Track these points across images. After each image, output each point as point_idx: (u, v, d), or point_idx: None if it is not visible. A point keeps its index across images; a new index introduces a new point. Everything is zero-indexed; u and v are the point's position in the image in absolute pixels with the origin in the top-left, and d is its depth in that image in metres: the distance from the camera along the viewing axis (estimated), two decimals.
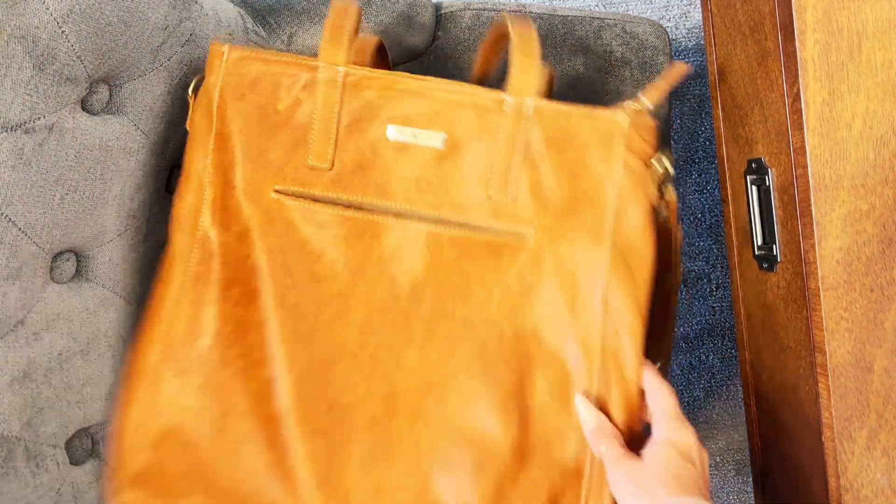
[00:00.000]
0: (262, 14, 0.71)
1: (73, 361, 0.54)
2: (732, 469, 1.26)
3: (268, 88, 0.56)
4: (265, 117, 0.56)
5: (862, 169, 0.58)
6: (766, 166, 0.65)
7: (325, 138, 0.56)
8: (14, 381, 0.50)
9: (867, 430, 0.60)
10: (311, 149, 0.56)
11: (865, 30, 0.57)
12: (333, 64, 0.56)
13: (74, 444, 0.56)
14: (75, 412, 0.55)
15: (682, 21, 1.19)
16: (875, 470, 0.60)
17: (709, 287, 1.23)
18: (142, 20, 0.53)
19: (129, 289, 0.60)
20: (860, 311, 0.59)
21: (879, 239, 0.59)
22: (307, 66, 0.56)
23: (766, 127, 0.65)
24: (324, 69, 0.55)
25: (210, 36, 0.62)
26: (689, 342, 1.23)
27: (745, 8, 0.67)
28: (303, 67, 0.56)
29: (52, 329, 0.52)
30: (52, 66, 0.48)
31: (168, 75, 0.59)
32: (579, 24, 0.78)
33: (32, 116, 0.48)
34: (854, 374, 0.59)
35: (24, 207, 0.49)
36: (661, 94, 0.56)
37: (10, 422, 0.49)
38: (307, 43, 0.72)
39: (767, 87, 0.64)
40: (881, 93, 0.58)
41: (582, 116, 0.56)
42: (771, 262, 0.67)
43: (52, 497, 0.52)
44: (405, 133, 0.56)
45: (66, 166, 0.51)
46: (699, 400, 1.24)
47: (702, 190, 1.21)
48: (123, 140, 0.56)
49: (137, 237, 0.61)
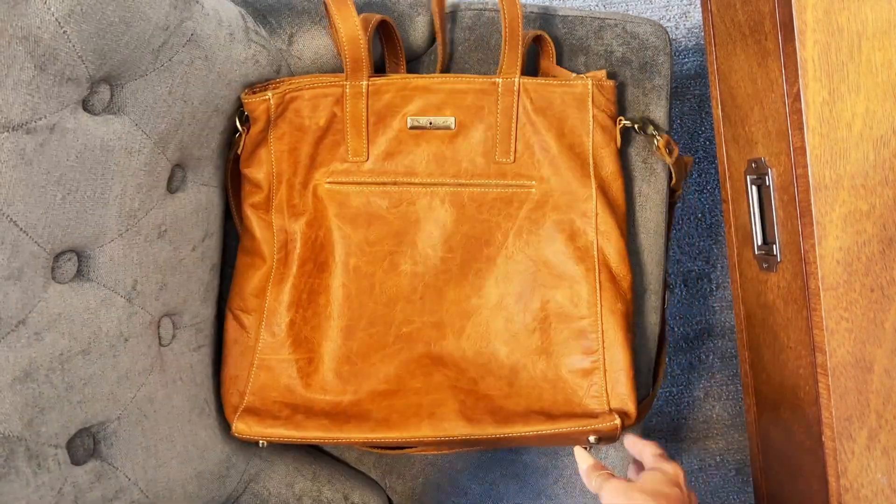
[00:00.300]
0: (262, 14, 0.71)
1: (74, 361, 0.54)
2: (732, 469, 1.26)
3: (307, 111, 0.70)
4: (310, 133, 0.70)
5: (862, 169, 0.58)
6: (766, 166, 0.65)
7: (359, 138, 0.71)
8: (15, 380, 0.50)
9: (867, 430, 0.60)
10: (350, 147, 0.71)
11: (865, 30, 0.57)
12: (357, 80, 0.69)
13: (76, 443, 0.56)
14: (76, 412, 0.55)
15: (682, 21, 1.19)
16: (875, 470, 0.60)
17: (709, 287, 1.23)
18: (143, 20, 0.53)
19: (129, 288, 0.60)
20: (860, 311, 0.59)
21: (879, 239, 0.59)
22: (335, 85, 0.70)
23: (766, 127, 0.65)
24: (350, 87, 0.70)
25: (211, 36, 0.62)
26: (689, 342, 1.23)
27: (745, 8, 0.67)
28: (331, 87, 0.70)
29: (53, 329, 0.52)
30: (54, 67, 0.48)
31: (169, 75, 0.59)
32: (579, 24, 0.78)
33: (34, 116, 0.48)
34: (854, 374, 0.59)
35: (26, 207, 0.49)
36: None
37: (12, 421, 0.49)
38: (308, 43, 0.72)
39: (767, 87, 0.64)
40: (881, 93, 0.58)
41: (558, 85, 0.72)
42: (771, 262, 0.67)
43: (53, 497, 0.52)
44: (422, 122, 0.71)
45: (68, 166, 0.51)
46: (699, 400, 1.24)
47: (702, 190, 1.21)
48: (125, 140, 0.56)
49: (139, 237, 0.61)
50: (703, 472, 1.26)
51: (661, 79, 0.78)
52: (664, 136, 0.74)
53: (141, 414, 0.62)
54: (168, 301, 0.66)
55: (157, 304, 0.64)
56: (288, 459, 0.77)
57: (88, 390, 0.56)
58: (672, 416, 1.24)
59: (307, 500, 0.75)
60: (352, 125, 0.70)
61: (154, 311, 0.64)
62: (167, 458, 0.64)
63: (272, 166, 0.71)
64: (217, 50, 0.63)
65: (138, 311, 0.61)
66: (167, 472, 0.64)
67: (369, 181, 0.71)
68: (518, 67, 0.71)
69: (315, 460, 0.79)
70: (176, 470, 0.65)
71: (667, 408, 1.24)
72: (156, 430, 0.63)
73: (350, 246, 0.71)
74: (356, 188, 0.71)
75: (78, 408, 0.55)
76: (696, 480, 1.26)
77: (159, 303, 0.64)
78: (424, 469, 0.81)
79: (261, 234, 0.72)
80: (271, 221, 0.71)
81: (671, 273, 1.22)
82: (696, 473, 1.26)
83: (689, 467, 1.26)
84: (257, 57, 0.68)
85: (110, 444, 0.59)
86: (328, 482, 0.78)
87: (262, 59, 0.69)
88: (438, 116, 0.71)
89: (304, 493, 0.76)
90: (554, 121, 0.72)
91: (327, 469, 0.79)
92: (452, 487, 0.82)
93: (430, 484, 0.82)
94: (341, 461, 0.82)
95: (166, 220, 0.64)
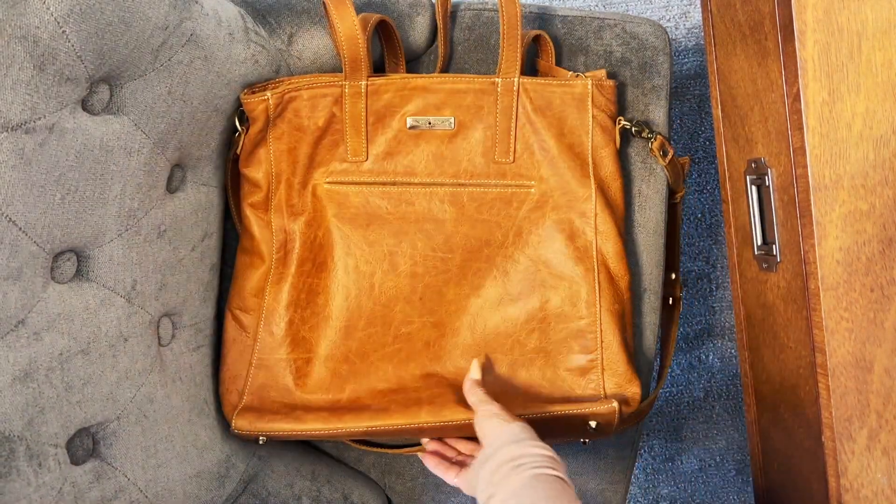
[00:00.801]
0: (262, 14, 0.71)
1: (73, 361, 0.54)
2: (732, 469, 1.26)
3: (306, 111, 0.69)
4: (308, 132, 0.70)
5: (862, 169, 0.58)
6: (766, 166, 0.65)
7: (358, 138, 0.70)
8: (15, 380, 0.50)
9: (867, 430, 0.60)
10: (349, 147, 0.71)
11: (865, 30, 0.57)
12: (356, 80, 0.69)
13: (75, 443, 0.56)
14: (76, 412, 0.55)
15: (682, 21, 1.19)
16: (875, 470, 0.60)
17: (709, 287, 1.23)
18: (142, 20, 0.53)
19: (129, 288, 0.60)
20: (860, 311, 0.59)
21: (879, 239, 0.59)
22: (333, 85, 0.69)
23: (766, 127, 0.65)
24: (349, 87, 0.69)
25: (210, 36, 0.62)
26: (689, 342, 1.23)
27: (745, 8, 0.67)
28: (330, 87, 0.69)
29: (52, 329, 0.52)
30: (53, 66, 0.48)
31: (169, 75, 0.59)
32: (579, 24, 0.78)
33: (33, 116, 0.48)
34: (854, 374, 0.59)
35: (25, 207, 0.49)
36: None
37: (13, 421, 0.49)
38: (307, 43, 0.72)
39: (767, 87, 0.64)
40: (881, 93, 0.58)
41: (557, 85, 0.72)
42: (771, 263, 0.67)
43: (53, 497, 0.52)
44: (421, 122, 0.71)
45: (67, 166, 0.51)
46: (699, 400, 1.24)
47: (702, 190, 1.21)
48: (124, 140, 0.56)
49: (138, 237, 0.61)
50: (703, 472, 1.26)
51: (660, 79, 0.78)
52: (659, 138, 0.74)
53: (140, 414, 0.62)
54: (167, 301, 0.66)
55: (157, 304, 0.64)
56: (287, 459, 0.77)
57: (88, 390, 0.56)
58: (672, 416, 1.24)
59: (306, 499, 0.75)
60: (351, 125, 0.70)
61: (153, 311, 0.64)
62: (166, 458, 0.64)
63: (271, 166, 0.71)
64: (216, 50, 0.63)
65: (138, 311, 0.61)
66: (166, 472, 0.64)
67: (368, 181, 0.71)
68: (517, 67, 0.71)
69: (314, 460, 0.79)
70: (175, 470, 0.65)
71: (667, 408, 1.24)
72: (155, 430, 0.63)
73: (349, 246, 0.71)
74: (355, 188, 0.71)
75: (77, 407, 0.55)
76: (696, 480, 1.26)
77: (159, 303, 0.64)
78: (424, 469, 0.81)
79: (260, 233, 0.72)
80: (270, 221, 0.71)
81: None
82: (696, 473, 1.26)
83: (689, 467, 1.26)
84: (257, 57, 0.68)
85: (110, 444, 0.59)
86: (327, 482, 0.78)
87: (261, 59, 0.69)
88: (438, 116, 0.71)
89: (303, 492, 0.76)
90: (553, 121, 0.72)
91: (326, 469, 0.79)
92: (452, 487, 0.82)
93: (429, 484, 0.82)
94: (340, 461, 0.81)
95: (166, 219, 0.64)
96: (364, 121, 0.70)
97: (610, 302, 0.71)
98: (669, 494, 1.26)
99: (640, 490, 1.25)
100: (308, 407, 0.70)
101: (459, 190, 0.71)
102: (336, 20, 0.67)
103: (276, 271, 0.71)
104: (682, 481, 1.26)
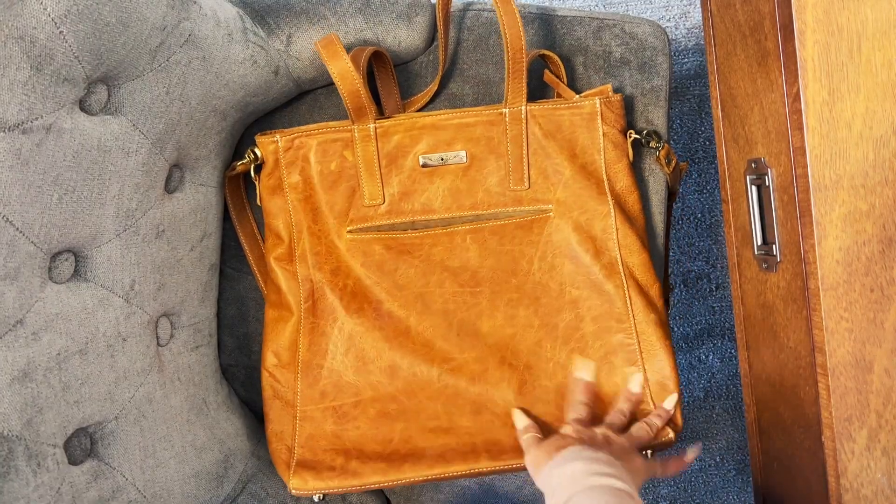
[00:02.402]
0: (260, 14, 0.71)
1: (71, 361, 0.54)
2: (732, 469, 1.26)
3: (318, 156, 0.71)
4: (323, 179, 0.71)
5: (862, 169, 0.58)
6: (766, 166, 0.65)
7: (374, 181, 0.71)
8: (14, 380, 0.50)
9: (867, 430, 0.59)
10: (365, 193, 0.71)
11: (865, 30, 0.57)
12: (364, 124, 0.70)
13: (73, 443, 0.56)
14: (74, 412, 0.55)
15: (682, 21, 1.18)
16: (875, 470, 0.60)
17: (709, 287, 1.23)
18: (140, 20, 0.53)
19: (127, 289, 0.60)
20: (860, 311, 0.59)
21: (879, 239, 0.59)
22: (342, 130, 0.70)
23: (766, 127, 0.65)
24: (358, 131, 0.70)
25: (209, 36, 0.62)
26: (689, 342, 1.23)
27: (745, 8, 0.67)
28: (339, 132, 0.70)
29: (50, 329, 0.52)
30: (50, 67, 0.48)
31: (167, 75, 0.58)
32: (579, 25, 0.78)
33: (30, 117, 0.47)
34: (854, 374, 0.59)
35: (22, 207, 0.49)
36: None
37: (11, 421, 0.49)
38: (306, 43, 0.72)
39: (767, 87, 0.64)
40: (881, 93, 0.58)
41: (565, 108, 0.72)
42: (771, 262, 0.67)
43: (51, 496, 0.52)
44: (434, 159, 0.71)
45: (64, 166, 0.51)
46: (699, 400, 1.24)
47: (702, 190, 1.21)
48: (122, 140, 0.56)
49: (136, 237, 0.61)
50: (703, 473, 1.26)
51: (660, 79, 0.78)
52: (666, 146, 0.74)
53: (139, 414, 0.61)
54: (166, 301, 0.66)
55: (155, 304, 0.64)
56: None
57: (86, 390, 0.56)
58: None
59: (305, 500, 0.75)
60: (365, 168, 0.71)
61: (152, 311, 0.64)
62: (165, 458, 0.64)
63: (289, 216, 0.72)
64: (215, 50, 0.63)
65: (136, 311, 0.61)
66: (165, 472, 0.64)
67: (388, 224, 0.72)
68: (523, 95, 0.70)
69: None
70: (174, 470, 0.65)
71: None
72: (154, 430, 0.63)
73: (381, 292, 0.71)
74: (377, 235, 0.71)
75: (75, 407, 0.55)
76: (696, 480, 1.26)
77: (157, 303, 0.64)
78: None
79: (286, 285, 0.72)
80: (296, 272, 0.72)
81: (671, 273, 1.22)
82: (696, 473, 1.26)
83: (689, 467, 1.25)
84: (255, 57, 0.68)
85: (108, 444, 0.59)
86: None
87: (260, 60, 0.69)
88: (449, 152, 0.71)
89: None
90: (565, 143, 0.72)
91: None
92: (452, 487, 0.82)
93: (429, 484, 0.82)
94: None
95: (164, 220, 0.64)
96: (377, 163, 0.71)
97: (644, 313, 0.72)
98: (669, 494, 1.26)
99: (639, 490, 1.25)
100: (361, 452, 0.70)
101: (480, 225, 0.72)
102: (329, 65, 0.67)
103: (306, 321, 0.71)
104: (682, 481, 1.26)
